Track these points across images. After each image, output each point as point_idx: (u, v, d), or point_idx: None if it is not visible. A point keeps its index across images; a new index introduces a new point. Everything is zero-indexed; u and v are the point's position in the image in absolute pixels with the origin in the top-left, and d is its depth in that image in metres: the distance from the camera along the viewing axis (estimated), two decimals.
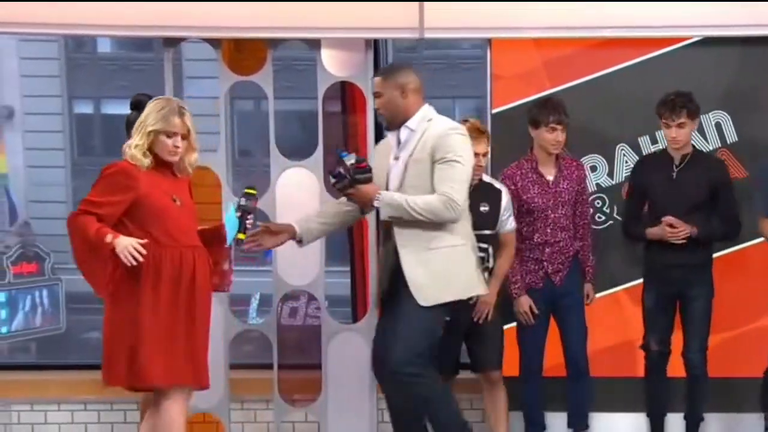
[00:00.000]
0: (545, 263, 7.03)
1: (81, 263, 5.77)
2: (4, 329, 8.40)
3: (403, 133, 6.30)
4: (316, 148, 7.39)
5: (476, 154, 6.40)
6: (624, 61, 7.25)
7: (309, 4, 7.15)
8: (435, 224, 6.15)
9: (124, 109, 6.81)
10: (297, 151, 7.50)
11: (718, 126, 7.27)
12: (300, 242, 6.47)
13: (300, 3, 7.15)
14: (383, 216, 6.24)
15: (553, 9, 7.13)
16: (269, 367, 7.50)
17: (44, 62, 19.93)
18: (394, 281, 6.25)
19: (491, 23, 7.20)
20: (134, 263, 5.62)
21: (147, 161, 5.81)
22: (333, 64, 7.42)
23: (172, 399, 5.88)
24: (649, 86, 7.13)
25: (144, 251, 5.64)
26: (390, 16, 7.18)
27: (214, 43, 7.44)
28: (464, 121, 6.61)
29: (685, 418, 7.14)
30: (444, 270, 6.22)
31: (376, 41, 7.51)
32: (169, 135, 5.84)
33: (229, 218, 6.10)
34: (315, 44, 7.38)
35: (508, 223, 6.88)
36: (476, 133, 6.61)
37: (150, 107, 5.90)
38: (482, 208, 6.72)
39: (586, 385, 7.17)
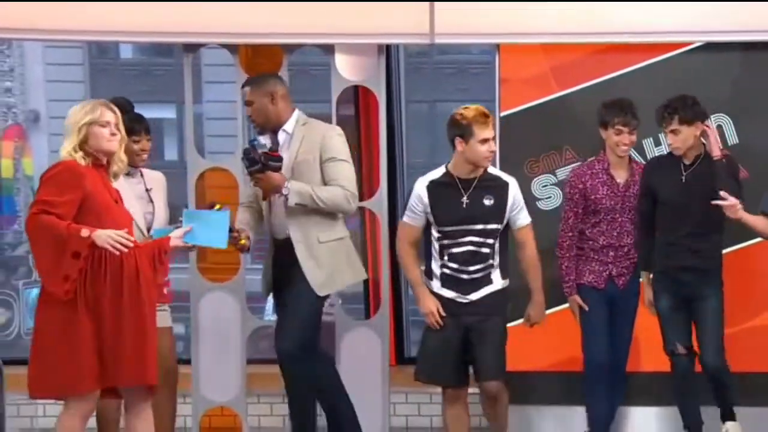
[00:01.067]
0: (610, 266, 6.85)
1: (44, 264, 5.58)
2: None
3: (281, 136, 6.64)
4: None
5: (485, 140, 6.25)
6: (628, 66, 7.21)
7: (323, 11, 7.13)
8: (324, 219, 6.56)
9: (144, 112, 6.78)
10: None
11: (719, 128, 7.17)
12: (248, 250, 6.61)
13: (314, 10, 7.12)
14: (291, 203, 6.45)
15: (559, 15, 7.10)
16: None
17: (69, 68, 19.96)
18: (288, 273, 6.56)
19: (500, 29, 7.18)
20: (125, 251, 5.53)
21: (83, 161, 5.63)
22: (346, 69, 7.40)
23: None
24: (653, 90, 7.08)
25: (131, 239, 5.58)
26: (401, 22, 7.16)
27: (232, 48, 7.44)
28: (465, 108, 6.35)
29: (719, 406, 6.87)
30: (334, 261, 6.62)
31: (388, 46, 7.50)
32: (102, 125, 5.68)
33: (222, 222, 6.05)
34: (329, 49, 7.37)
35: (520, 218, 6.47)
36: (482, 118, 6.30)
37: (75, 110, 5.74)
38: (486, 201, 6.35)
39: (623, 387, 7.06)
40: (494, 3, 7.10)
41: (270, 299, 7.17)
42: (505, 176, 6.48)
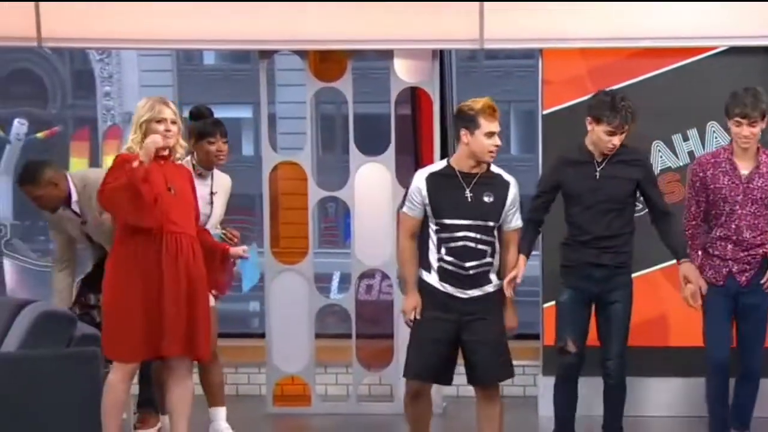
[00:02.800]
0: (730, 262, 6.06)
1: (128, 209, 5.57)
2: None
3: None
4: (389, 146, 7.32)
5: (490, 133, 5.54)
6: (658, 68, 7.11)
7: (383, 19, 7.09)
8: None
9: (226, 113, 6.79)
10: (372, 149, 7.43)
11: None
12: None
13: (375, 19, 7.10)
14: None
15: (596, 22, 7.01)
16: (348, 336, 7.47)
17: (159, 73, 20.09)
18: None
19: (542, 35, 7.10)
20: (160, 144, 5.56)
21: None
22: (403, 72, 7.36)
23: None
24: (682, 90, 7.05)
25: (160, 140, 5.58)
26: (454, 29, 7.09)
27: (302, 54, 7.42)
28: (473, 101, 5.71)
29: (604, 429, 6.25)
30: None
31: (441, 51, 7.41)
32: (159, 121, 5.65)
33: (251, 268, 6.11)
34: (388, 54, 7.33)
35: (514, 219, 5.71)
36: (489, 110, 5.58)
37: (138, 107, 5.74)
38: (486, 198, 5.59)
39: (755, 388, 6.22)
40: (538, 12, 7.01)
41: (335, 281, 7.13)
42: (506, 175, 5.73)
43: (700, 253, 6.16)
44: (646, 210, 6.41)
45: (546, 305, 7.14)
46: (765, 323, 6.14)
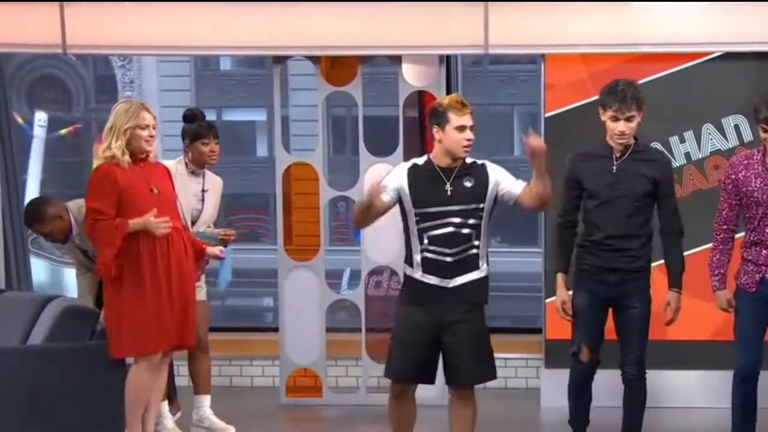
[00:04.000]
0: (763, 268, 5.55)
1: (104, 254, 5.62)
2: None
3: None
4: (397, 147, 7.30)
5: (461, 127, 5.31)
6: (657, 73, 7.09)
7: (392, 26, 7.09)
8: None
9: (241, 116, 6.83)
10: (381, 150, 7.42)
11: (736, 128, 7.11)
12: None
13: (384, 26, 7.10)
14: None
15: (597, 29, 7.01)
16: (358, 330, 7.46)
17: (178, 78, 20.08)
18: None
19: (545, 41, 7.08)
20: (167, 231, 5.59)
21: (127, 158, 5.62)
22: (411, 76, 7.34)
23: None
24: (679, 93, 7.05)
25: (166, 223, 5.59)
26: (459, 36, 7.08)
27: (314, 59, 7.40)
28: (443, 98, 5.65)
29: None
30: None
31: (448, 56, 7.40)
32: (143, 128, 5.65)
33: (226, 268, 6.11)
34: (396, 59, 7.31)
35: (515, 185, 5.38)
36: (458, 104, 5.36)
37: (117, 111, 5.69)
38: (466, 183, 5.32)
39: None
40: (540, 18, 7.01)
41: (345, 277, 7.12)
42: (480, 160, 5.45)
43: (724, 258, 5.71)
44: None
45: (548, 300, 7.08)
46: None
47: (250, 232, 19.79)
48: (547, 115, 7.21)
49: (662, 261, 5.84)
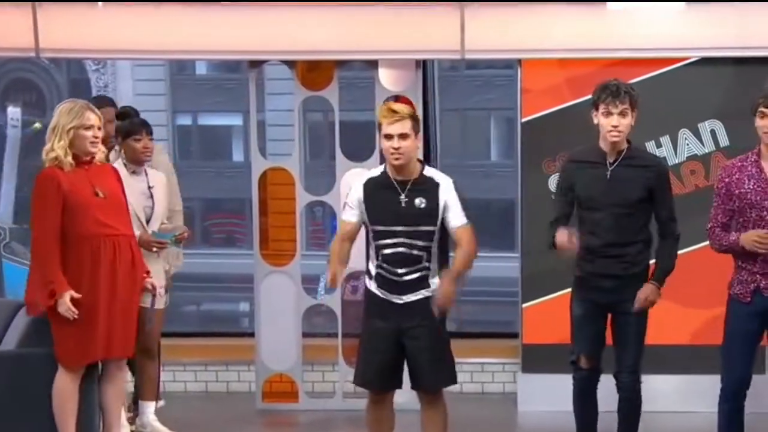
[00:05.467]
0: (758, 276, 5.32)
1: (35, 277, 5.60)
2: None
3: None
4: (373, 152, 7.28)
5: (388, 136, 5.24)
6: (634, 78, 7.03)
7: (368, 31, 7.10)
8: None
9: (217, 120, 6.81)
10: (358, 155, 7.41)
11: (712, 133, 7.15)
12: None
13: (361, 30, 7.10)
14: None
15: (573, 34, 7.01)
16: (335, 335, 7.46)
17: (153, 83, 20.04)
18: None
19: (521, 46, 7.09)
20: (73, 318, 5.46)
21: (69, 159, 5.52)
22: (388, 81, 7.35)
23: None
24: (656, 98, 7.01)
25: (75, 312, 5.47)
26: (436, 40, 7.08)
27: (290, 64, 7.40)
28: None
29: None
30: None
31: (424, 61, 7.41)
32: (87, 128, 5.56)
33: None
34: (373, 64, 7.32)
35: (457, 218, 5.31)
36: (387, 113, 5.30)
37: (60, 111, 5.61)
38: (418, 203, 5.28)
39: None
40: (517, 24, 7.03)
41: (322, 282, 7.11)
42: (438, 176, 5.39)
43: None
44: None
45: (525, 305, 7.12)
46: None
47: (226, 236, 19.83)
48: (523, 120, 7.21)
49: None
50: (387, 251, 5.32)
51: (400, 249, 5.30)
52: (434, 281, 5.34)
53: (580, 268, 5.66)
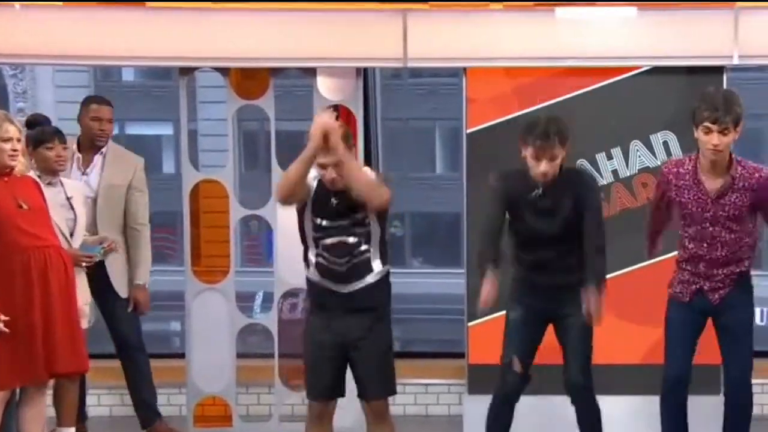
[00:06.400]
0: (701, 279, 5.64)
1: None
2: None
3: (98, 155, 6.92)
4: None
5: (321, 165, 5.46)
6: (584, 87, 7.20)
7: (306, 37, 7.15)
8: None
9: (146, 130, 6.88)
10: None
11: (665, 144, 7.24)
12: None
13: (298, 36, 7.15)
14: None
15: (520, 42, 7.12)
16: (271, 356, 7.50)
17: (75, 89, 19.94)
18: None
19: (466, 54, 7.17)
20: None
21: None
22: (327, 90, 7.41)
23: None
24: (605, 109, 7.16)
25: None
26: (377, 48, 7.18)
27: (224, 71, 7.43)
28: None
29: None
30: None
31: (365, 69, 7.49)
32: (6, 140, 5.62)
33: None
34: (311, 72, 7.38)
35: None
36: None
37: None
38: (333, 201, 5.54)
39: (744, 413, 5.78)
40: (461, 31, 7.11)
41: (258, 300, 7.18)
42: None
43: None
44: None
45: (471, 324, 7.19)
46: (747, 339, 5.71)
47: (156, 252, 19.64)
48: (469, 131, 7.30)
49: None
50: (325, 241, 5.54)
51: (340, 238, 5.53)
52: (376, 263, 5.58)
53: (517, 275, 5.88)
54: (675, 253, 5.93)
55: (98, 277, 6.71)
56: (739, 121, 5.45)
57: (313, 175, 5.54)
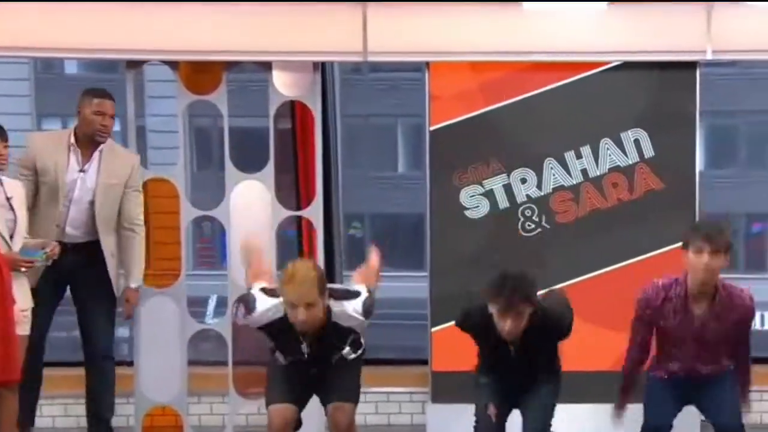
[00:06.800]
0: (678, 370, 5.81)
1: None
2: None
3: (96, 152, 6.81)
4: (268, 162, 7.33)
5: (294, 305, 5.46)
6: (552, 83, 7.21)
7: (261, 30, 7.12)
8: None
9: None
10: (250, 165, 7.44)
11: (636, 142, 7.25)
12: None
13: (253, 29, 7.11)
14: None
15: (485, 35, 7.11)
16: (225, 363, 7.45)
17: (15, 82, 19.80)
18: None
19: (429, 48, 7.16)
20: None
21: None
22: (283, 85, 7.37)
23: None
24: (575, 106, 7.17)
25: None
26: (336, 41, 7.15)
27: (173, 65, 7.38)
28: None
29: None
30: None
31: (323, 64, 7.45)
32: None
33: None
34: (267, 66, 7.33)
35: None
36: (289, 280, 5.49)
37: None
38: (305, 349, 5.72)
39: None
40: (424, 24, 7.10)
41: (211, 304, 7.13)
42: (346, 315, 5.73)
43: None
44: (538, 230, 6.54)
45: (434, 329, 7.19)
46: (733, 391, 5.83)
47: None
48: (432, 128, 7.27)
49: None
50: None
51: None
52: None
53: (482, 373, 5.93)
54: (645, 255, 5.94)
55: (85, 276, 6.76)
56: (729, 248, 5.56)
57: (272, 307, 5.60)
